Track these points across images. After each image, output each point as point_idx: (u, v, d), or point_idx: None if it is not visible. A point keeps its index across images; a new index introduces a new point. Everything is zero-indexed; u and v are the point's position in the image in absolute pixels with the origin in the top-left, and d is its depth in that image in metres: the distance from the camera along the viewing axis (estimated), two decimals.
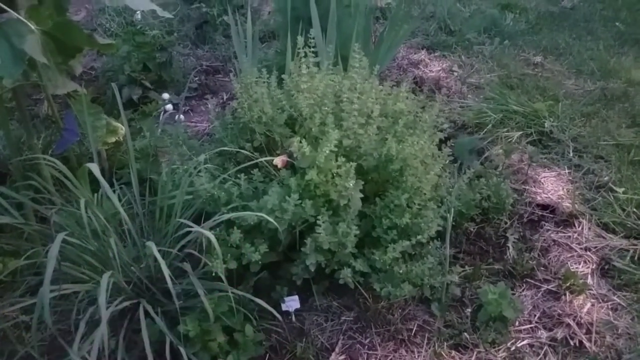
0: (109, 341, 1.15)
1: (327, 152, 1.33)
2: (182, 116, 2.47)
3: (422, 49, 2.94)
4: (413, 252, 1.46)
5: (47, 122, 2.08)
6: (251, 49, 2.24)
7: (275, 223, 1.28)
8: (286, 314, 1.47)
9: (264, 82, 1.63)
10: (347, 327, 1.46)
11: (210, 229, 1.29)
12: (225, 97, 2.68)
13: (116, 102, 1.43)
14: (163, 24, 3.19)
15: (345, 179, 1.35)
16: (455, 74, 2.65)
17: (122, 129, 1.50)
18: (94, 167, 1.15)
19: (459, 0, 3.39)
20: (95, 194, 1.43)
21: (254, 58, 2.29)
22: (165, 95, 2.59)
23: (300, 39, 1.50)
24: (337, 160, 1.36)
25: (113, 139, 1.48)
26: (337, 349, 1.40)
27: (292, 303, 1.48)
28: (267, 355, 1.38)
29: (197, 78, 2.84)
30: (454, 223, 1.51)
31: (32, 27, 1.23)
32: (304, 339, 1.42)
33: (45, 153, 1.72)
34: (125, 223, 1.24)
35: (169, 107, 2.54)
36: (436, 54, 2.88)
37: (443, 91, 2.46)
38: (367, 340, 1.42)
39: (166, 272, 1.05)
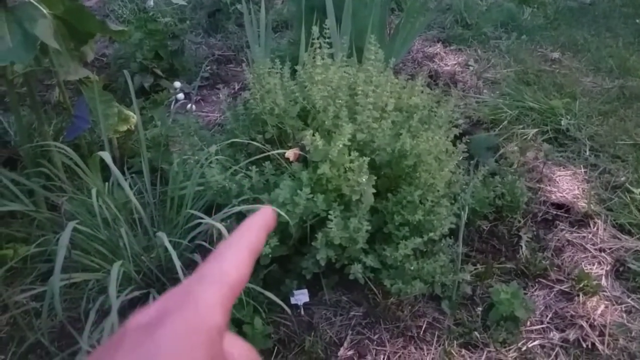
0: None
1: (341, 146, 1.31)
2: (193, 106, 2.46)
3: (438, 42, 2.89)
4: (425, 249, 1.44)
5: (58, 108, 2.08)
6: (264, 38, 2.21)
7: (287, 217, 1.27)
8: (295, 307, 1.46)
9: (276, 72, 1.60)
10: (356, 322, 1.45)
11: (221, 220, 1.28)
12: (237, 87, 2.66)
13: (128, 90, 1.43)
14: (175, 11, 3.16)
15: (358, 174, 1.33)
16: (471, 68, 2.60)
17: (134, 117, 1.49)
18: (106, 155, 1.14)
19: None
20: (106, 183, 1.43)
21: (266, 48, 2.26)
22: (177, 84, 2.58)
23: (315, 29, 1.48)
24: (350, 155, 1.34)
25: (124, 128, 1.48)
26: (345, 344, 1.39)
27: (301, 297, 1.47)
28: (276, 348, 1.38)
29: (208, 67, 2.82)
30: (467, 221, 1.49)
31: (45, 11, 1.22)
32: (313, 333, 1.41)
33: (56, 140, 1.72)
34: (136, 212, 1.24)
35: (181, 96, 2.53)
36: (452, 48, 2.83)
37: (458, 86, 2.42)
38: (376, 336, 1.41)
39: (177, 263, 1.04)
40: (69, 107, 1.71)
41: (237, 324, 1.32)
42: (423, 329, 1.41)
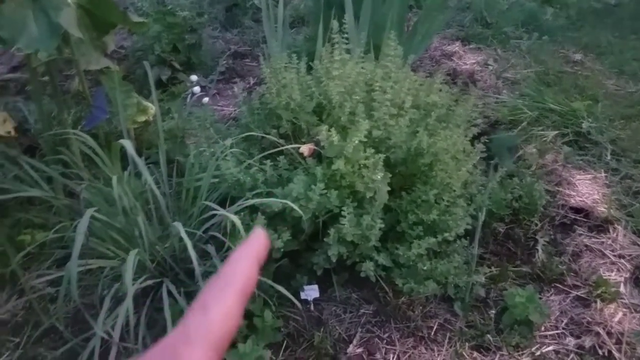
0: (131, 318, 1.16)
1: (356, 142, 1.30)
2: (208, 99, 2.47)
3: (457, 41, 2.85)
4: (438, 250, 1.42)
5: (76, 98, 2.10)
6: (281, 34, 2.20)
7: (300, 211, 1.26)
8: (304, 302, 1.46)
9: (293, 68, 1.60)
10: (365, 320, 1.44)
11: (235, 213, 1.28)
12: (252, 82, 2.66)
13: (145, 82, 1.44)
14: (193, 5, 3.18)
15: (372, 171, 1.31)
16: (491, 67, 2.56)
17: (152, 108, 1.51)
18: (128, 144, 1.14)
19: None
20: (124, 172, 1.44)
21: (283, 43, 2.26)
22: (194, 77, 2.59)
23: (335, 24, 1.47)
24: (365, 151, 1.32)
25: (143, 118, 1.48)
26: (354, 341, 1.38)
27: (311, 292, 1.47)
28: (285, 342, 1.37)
29: (224, 62, 2.83)
30: (482, 222, 1.47)
31: (69, 0, 1.23)
32: (322, 329, 1.41)
33: (75, 129, 1.74)
34: (152, 202, 1.24)
35: (197, 89, 2.54)
36: (471, 47, 2.80)
37: (477, 85, 2.39)
38: (386, 334, 1.40)
39: (192, 253, 1.04)
40: (88, 97, 1.73)
41: (248, 316, 1.32)
42: (434, 330, 1.40)
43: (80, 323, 1.41)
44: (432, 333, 1.39)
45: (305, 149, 1.42)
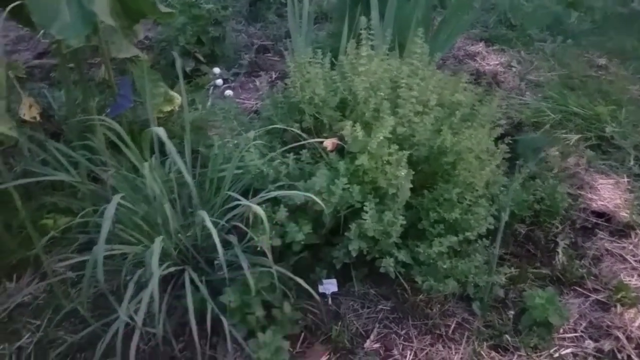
0: (153, 304, 1.18)
1: (381, 138, 1.30)
2: (230, 92, 2.49)
3: (480, 41, 2.84)
4: (459, 249, 1.41)
5: (101, 86, 2.13)
6: (306, 29, 2.21)
7: (322, 204, 1.27)
8: (322, 296, 1.47)
9: (317, 63, 1.61)
10: (383, 316, 1.44)
11: (257, 204, 1.29)
12: (274, 76, 2.67)
13: (169, 73, 1.46)
14: None
15: (396, 168, 1.32)
16: (514, 69, 2.54)
17: (178, 98, 1.53)
18: (161, 132, 1.16)
19: None
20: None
21: (307, 39, 2.26)
22: (217, 70, 2.61)
23: (364, 20, 1.47)
24: (389, 148, 1.33)
25: (169, 108, 1.51)
26: (372, 336, 1.39)
27: (329, 286, 1.47)
28: (303, 334, 1.38)
29: (247, 55, 2.85)
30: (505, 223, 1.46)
31: None
32: (340, 323, 1.41)
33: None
34: (176, 191, 1.26)
35: (219, 81, 2.56)
36: (494, 47, 2.78)
37: (500, 86, 2.37)
38: (403, 331, 1.40)
39: (217, 241, 1.05)
40: (113, 85, 1.76)
41: (267, 307, 1.33)
42: (452, 328, 1.40)
43: (101, 308, 1.43)
44: (450, 331, 1.39)
45: (329, 143, 1.42)
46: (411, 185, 1.36)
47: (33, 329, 1.43)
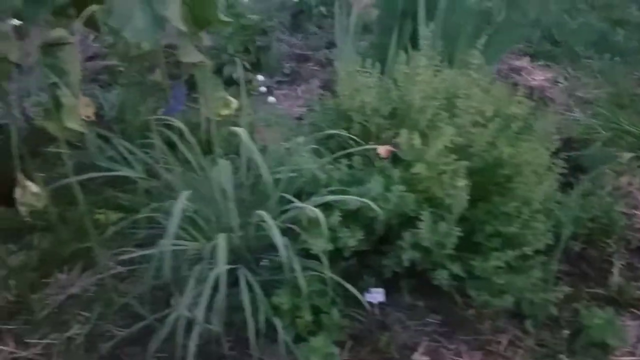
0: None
1: (441, 147, 1.29)
2: (273, 99, 2.53)
3: (525, 56, 2.81)
4: (514, 264, 1.38)
5: (154, 89, 2.19)
6: (351, 39, 2.24)
7: (380, 210, 1.26)
8: (369, 305, 1.45)
9: (366, 72, 1.62)
10: (431, 329, 1.42)
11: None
12: (316, 85, 2.70)
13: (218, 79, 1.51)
14: (261, 10, 3.26)
15: (453, 178, 1.30)
16: (561, 85, 2.51)
17: (235, 103, 1.57)
18: (242, 132, 1.19)
19: (566, 11, 3.21)
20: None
21: (352, 49, 2.29)
22: (260, 78, 2.67)
23: (425, 29, 1.47)
24: (447, 157, 1.31)
25: (226, 112, 1.54)
26: (420, 349, 1.36)
27: (377, 295, 1.45)
28: (349, 342, 1.37)
29: (288, 64, 2.90)
30: (558, 240, 1.42)
31: None
32: (386, 333, 1.39)
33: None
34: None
35: (263, 89, 2.61)
36: (539, 63, 2.75)
37: (548, 101, 2.34)
38: (453, 346, 1.37)
39: (279, 240, 1.06)
40: (166, 88, 1.80)
41: (315, 312, 1.32)
42: (504, 346, 1.36)
43: (150, 304, 1.44)
44: (503, 348, 1.35)
45: (382, 150, 1.42)
46: (468, 197, 1.34)
47: (83, 321, 1.45)
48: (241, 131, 1.18)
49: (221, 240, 1.07)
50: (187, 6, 1.31)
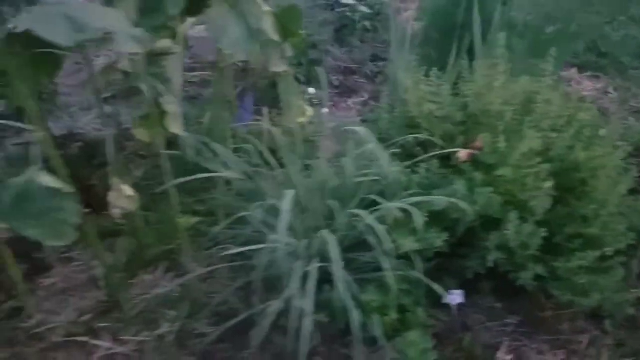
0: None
1: (526, 150, 1.34)
2: (326, 110, 2.61)
3: (572, 68, 2.86)
4: (594, 265, 1.41)
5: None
6: (408, 49, 2.33)
7: (470, 208, 1.31)
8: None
9: (430, 81, 1.68)
10: (511, 329, 1.45)
11: None
12: (366, 97, 2.78)
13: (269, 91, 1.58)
14: (306, 25, 3.37)
15: (538, 180, 1.35)
16: (611, 95, 2.54)
17: (310, 111, 1.65)
18: (363, 131, 1.30)
19: (609, 23, 3.25)
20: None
21: (404, 60, 2.37)
22: (311, 90, 2.75)
23: (503, 37, 1.54)
24: (531, 160, 1.36)
25: (302, 120, 1.62)
26: (503, 349, 1.39)
27: (457, 297, 1.49)
28: (433, 341, 1.40)
29: (335, 77, 2.99)
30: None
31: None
32: (469, 333, 1.43)
33: None
34: None
35: (316, 101, 2.69)
36: (587, 74, 2.79)
37: (602, 111, 2.37)
38: (535, 345, 1.40)
39: (383, 234, 1.10)
40: (233, 99, 1.89)
41: (401, 311, 1.36)
42: (585, 345, 1.38)
43: (239, 302, 1.48)
44: (584, 347, 1.38)
45: (463, 153, 1.48)
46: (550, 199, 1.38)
47: (171, 319, 1.51)
48: (362, 130, 1.24)
49: (330, 236, 1.13)
50: (275, 18, 1.40)
